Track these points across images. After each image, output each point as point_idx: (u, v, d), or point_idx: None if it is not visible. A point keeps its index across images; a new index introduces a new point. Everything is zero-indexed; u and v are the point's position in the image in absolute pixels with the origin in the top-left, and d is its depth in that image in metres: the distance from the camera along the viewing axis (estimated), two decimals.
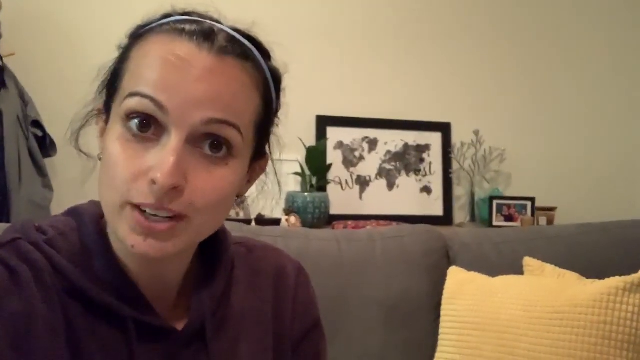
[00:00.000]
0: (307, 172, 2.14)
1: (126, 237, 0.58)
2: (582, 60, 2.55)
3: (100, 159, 0.64)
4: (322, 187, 2.19)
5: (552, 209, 2.33)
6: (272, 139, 0.72)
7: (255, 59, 0.64)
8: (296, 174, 2.14)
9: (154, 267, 0.66)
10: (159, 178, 0.55)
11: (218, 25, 0.63)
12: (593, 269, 1.48)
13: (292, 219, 2.06)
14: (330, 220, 2.15)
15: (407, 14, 2.38)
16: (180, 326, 0.67)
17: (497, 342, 1.29)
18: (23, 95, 1.87)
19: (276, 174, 0.78)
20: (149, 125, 0.58)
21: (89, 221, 0.66)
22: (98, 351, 0.62)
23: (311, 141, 2.21)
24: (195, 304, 0.69)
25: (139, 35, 0.63)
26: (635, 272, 1.25)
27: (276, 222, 2.00)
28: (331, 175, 2.25)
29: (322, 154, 2.18)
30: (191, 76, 0.58)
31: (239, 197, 0.68)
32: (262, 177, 0.77)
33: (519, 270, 1.52)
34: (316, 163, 2.14)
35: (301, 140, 2.15)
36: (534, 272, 1.49)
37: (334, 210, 2.20)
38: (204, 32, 0.60)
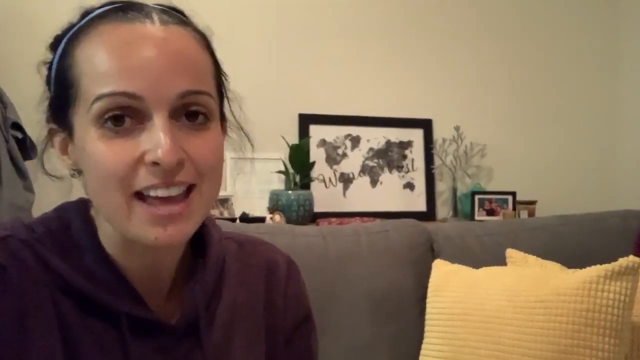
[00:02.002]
0: (291, 170, 2.14)
1: (145, 233, 0.59)
2: (561, 56, 2.59)
3: (73, 176, 0.64)
4: (305, 184, 2.20)
5: (532, 203, 2.36)
6: (230, 99, 0.72)
7: (192, 23, 0.65)
8: (280, 172, 2.15)
9: (147, 260, 0.66)
10: (162, 158, 0.56)
11: (145, 3, 0.63)
12: (574, 259, 1.50)
13: (277, 217, 2.06)
14: (314, 217, 2.16)
15: (389, 12, 2.39)
16: (173, 320, 0.67)
17: (483, 332, 1.31)
18: (2, 97, 1.84)
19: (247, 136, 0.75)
20: (123, 118, 0.58)
21: (78, 218, 0.66)
22: (92, 347, 0.62)
23: (294, 139, 2.22)
24: (187, 298, 0.69)
25: (72, 38, 0.61)
26: (615, 260, 1.27)
27: (260, 220, 2.00)
28: (315, 173, 2.25)
29: (306, 152, 2.19)
30: (151, 53, 0.57)
31: None
32: (246, 176, 0.78)
33: (502, 262, 1.54)
34: (299, 161, 2.15)
35: (284, 138, 2.15)
36: (517, 263, 1.51)
37: (317, 207, 2.20)
38: (140, 11, 0.60)
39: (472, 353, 1.31)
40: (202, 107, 0.60)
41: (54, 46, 0.64)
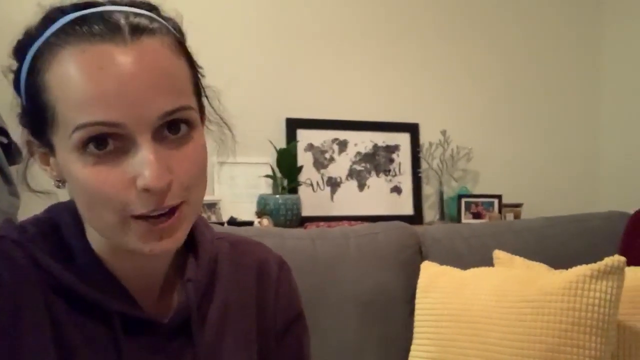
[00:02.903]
0: (278, 175, 2.14)
1: (141, 246, 0.60)
2: (545, 62, 2.62)
3: (58, 187, 0.64)
4: (293, 189, 2.20)
5: (518, 206, 2.38)
6: (206, 91, 0.70)
7: (163, 25, 0.62)
8: (267, 176, 2.15)
9: (137, 262, 0.66)
10: (151, 185, 0.56)
11: (110, 7, 0.60)
12: (560, 260, 1.52)
13: (265, 221, 2.06)
14: (302, 221, 2.16)
15: (376, 16, 2.41)
16: (165, 319, 0.67)
17: (471, 332, 1.31)
18: None
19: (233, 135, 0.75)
20: (106, 143, 0.57)
21: (69, 219, 0.66)
22: (84, 346, 0.62)
23: (281, 144, 2.22)
24: (179, 297, 0.69)
25: (39, 55, 0.59)
26: (600, 261, 1.29)
27: (249, 224, 2.00)
28: (302, 177, 2.25)
29: (293, 156, 2.19)
30: (125, 76, 0.56)
31: None
32: (233, 181, 0.78)
33: (489, 263, 1.56)
34: (287, 165, 2.15)
35: (272, 142, 2.15)
36: (503, 264, 1.53)
37: (305, 212, 2.20)
38: (110, 24, 0.57)
39: (461, 353, 1.32)
40: (183, 120, 0.60)
41: (18, 54, 0.62)
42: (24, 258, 0.61)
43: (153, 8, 0.64)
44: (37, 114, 0.59)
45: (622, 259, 1.24)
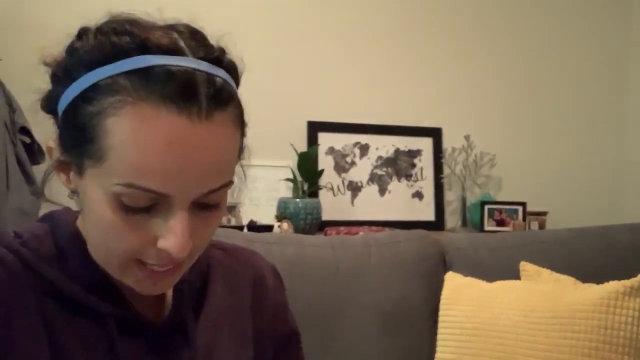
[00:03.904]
0: (299, 178, 2.12)
1: (135, 286, 0.62)
2: (571, 67, 2.57)
3: (71, 198, 0.63)
4: (313, 193, 2.18)
5: (543, 214, 2.33)
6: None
7: (233, 91, 0.59)
8: (288, 180, 2.13)
9: None
10: (173, 252, 0.56)
11: (192, 64, 0.55)
12: (588, 273, 1.48)
13: (285, 225, 2.04)
14: (322, 226, 2.13)
15: (400, 20, 2.38)
16: (159, 321, 0.68)
17: (497, 347, 1.28)
18: (11, 101, 1.83)
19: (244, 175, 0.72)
20: (143, 201, 0.56)
21: (63, 224, 0.67)
22: (79, 348, 0.62)
23: (302, 147, 2.20)
24: (174, 298, 0.70)
25: (103, 89, 0.54)
26: (631, 276, 1.25)
27: (268, 228, 1.98)
28: (323, 181, 2.23)
29: (314, 159, 2.17)
30: (189, 160, 0.54)
31: None
32: (253, 184, 0.78)
33: (515, 275, 1.52)
34: (308, 169, 2.13)
35: (292, 146, 2.13)
36: (530, 276, 1.49)
37: (325, 216, 2.18)
38: (189, 91, 0.54)
39: None
40: (220, 197, 0.60)
41: (69, 70, 0.58)
42: (18, 262, 0.61)
43: (223, 54, 0.61)
44: (82, 144, 0.56)
45: None
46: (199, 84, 0.55)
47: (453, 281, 1.46)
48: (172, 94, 0.54)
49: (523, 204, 2.32)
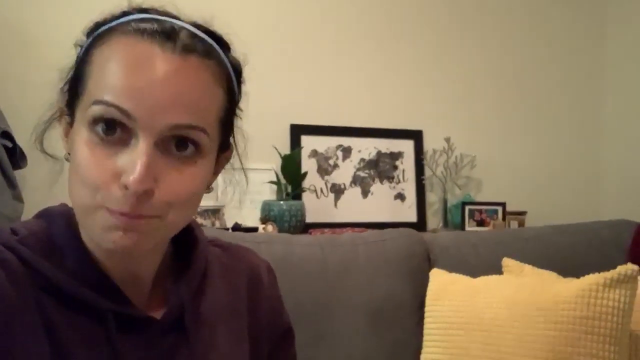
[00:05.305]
0: (283, 181, 2.13)
1: (104, 236, 0.60)
2: (550, 68, 2.63)
3: (67, 160, 0.65)
4: (297, 195, 2.19)
5: (522, 213, 2.38)
6: (236, 130, 0.73)
7: (218, 55, 0.65)
8: (272, 182, 2.14)
9: (127, 262, 0.67)
10: (131, 184, 0.57)
11: (179, 22, 0.63)
12: (569, 269, 1.52)
13: (269, 227, 2.05)
14: (306, 228, 2.15)
15: (381, 23, 2.41)
16: (158, 317, 0.68)
17: (483, 340, 1.31)
18: None
19: (242, 164, 0.78)
20: (115, 129, 0.59)
21: (60, 220, 0.67)
22: (79, 345, 0.62)
23: (286, 150, 2.21)
24: (172, 294, 0.70)
25: (98, 35, 0.63)
26: (610, 270, 1.29)
27: (253, 230, 1.99)
28: (306, 183, 2.25)
29: (297, 162, 2.18)
30: (156, 80, 0.58)
31: (207, 190, 0.70)
32: (239, 187, 0.80)
33: (498, 271, 1.55)
34: (291, 171, 2.14)
35: (276, 148, 2.15)
36: (513, 272, 1.52)
37: (309, 218, 2.19)
38: (166, 31, 0.61)
39: None
40: (192, 140, 0.61)
41: (88, 32, 0.65)
42: (15, 259, 0.62)
43: (213, 34, 0.66)
44: (75, 83, 0.63)
45: (635, 267, 1.24)
46: (180, 30, 0.62)
47: (438, 277, 1.49)
48: (153, 31, 0.60)
49: (502, 204, 2.37)
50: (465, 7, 2.53)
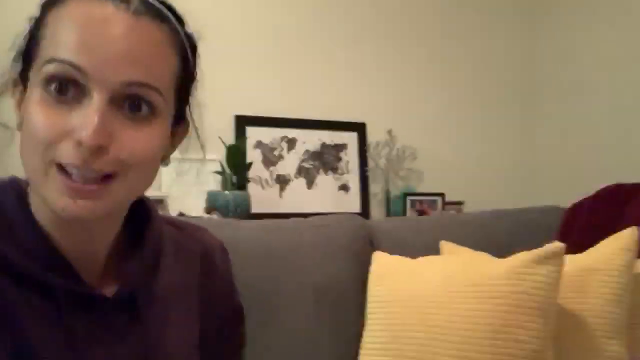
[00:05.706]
0: (228, 171, 2.14)
1: (55, 201, 0.59)
2: (485, 63, 2.74)
3: (19, 130, 0.64)
4: (242, 185, 2.20)
5: (460, 203, 2.48)
6: (193, 107, 0.74)
7: (171, 22, 0.65)
8: (216, 172, 2.14)
9: (81, 234, 0.66)
10: (84, 138, 0.56)
11: None
12: (502, 250, 1.58)
13: (214, 217, 2.05)
14: (251, 218, 2.16)
15: (324, 15, 2.45)
16: (109, 294, 0.67)
17: (420, 316, 1.36)
18: None
19: (198, 136, 0.79)
20: (68, 88, 0.59)
21: (10, 193, 0.66)
22: (33, 321, 0.61)
23: (230, 141, 2.22)
24: (124, 272, 0.70)
25: (53, 2, 0.63)
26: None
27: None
28: (251, 174, 2.26)
29: (242, 152, 2.20)
30: (109, 36, 0.59)
31: (164, 161, 0.70)
32: (185, 176, 0.80)
33: (436, 253, 1.62)
34: (236, 161, 2.15)
35: (221, 139, 2.15)
36: (450, 253, 1.59)
37: (254, 208, 2.21)
38: None
39: (410, 337, 1.36)
40: (146, 100, 0.61)
41: (42, 4, 0.65)
42: None
43: (167, 6, 0.67)
44: (27, 49, 0.63)
45: (561, 244, 1.32)
46: None
47: (380, 259, 1.54)
48: None
49: (442, 195, 2.46)
50: (406, 3, 2.60)
